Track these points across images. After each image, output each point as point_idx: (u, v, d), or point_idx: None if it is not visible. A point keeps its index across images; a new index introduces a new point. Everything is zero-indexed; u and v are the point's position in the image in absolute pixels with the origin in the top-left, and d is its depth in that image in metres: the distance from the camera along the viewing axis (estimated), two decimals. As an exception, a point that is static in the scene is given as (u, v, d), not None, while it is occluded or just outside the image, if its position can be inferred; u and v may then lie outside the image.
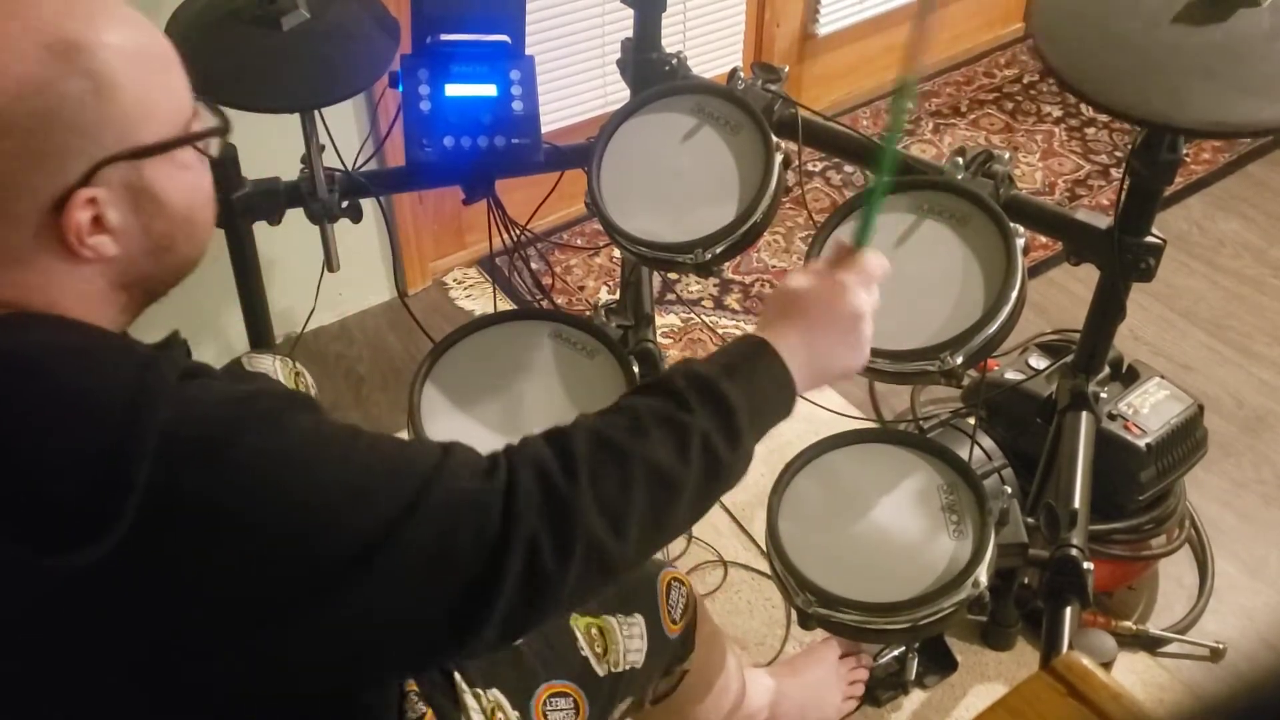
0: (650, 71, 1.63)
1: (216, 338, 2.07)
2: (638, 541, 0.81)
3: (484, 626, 0.75)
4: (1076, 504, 1.41)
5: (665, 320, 2.24)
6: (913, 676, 1.61)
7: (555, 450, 0.80)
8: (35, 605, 0.70)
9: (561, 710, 1.11)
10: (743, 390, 0.88)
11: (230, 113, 0.87)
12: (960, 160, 1.35)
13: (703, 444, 0.84)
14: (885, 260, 1.00)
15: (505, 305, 2.24)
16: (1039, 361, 1.69)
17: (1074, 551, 1.35)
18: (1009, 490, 1.37)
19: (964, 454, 1.39)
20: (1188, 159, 1.61)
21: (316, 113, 1.53)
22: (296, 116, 1.51)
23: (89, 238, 0.76)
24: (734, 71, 1.53)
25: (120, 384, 0.70)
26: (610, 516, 0.79)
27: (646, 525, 0.82)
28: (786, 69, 1.54)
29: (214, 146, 0.83)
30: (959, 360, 1.19)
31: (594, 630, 1.16)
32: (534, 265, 2.34)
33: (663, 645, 1.22)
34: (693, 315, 2.25)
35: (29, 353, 0.72)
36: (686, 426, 0.84)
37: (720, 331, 2.22)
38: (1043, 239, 2.31)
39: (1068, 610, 1.34)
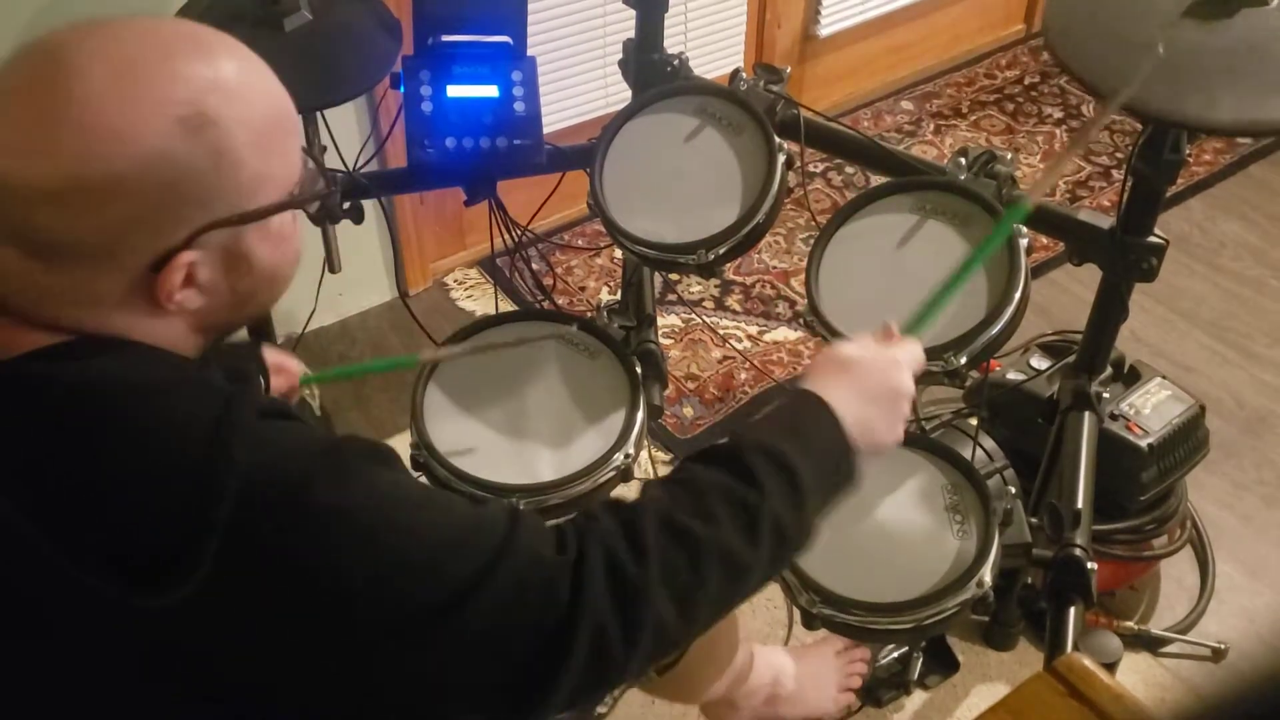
0: (652, 72, 1.63)
1: (218, 338, 2.07)
2: (705, 621, 0.83)
3: (551, 696, 0.75)
4: (1079, 504, 1.41)
5: (666, 321, 2.24)
6: (915, 676, 1.61)
7: (624, 532, 0.80)
8: (118, 642, 0.69)
9: None
10: (810, 461, 0.87)
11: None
12: (963, 161, 1.35)
13: (774, 526, 0.84)
14: None
15: (506, 306, 2.24)
16: (1041, 362, 1.70)
17: (1078, 551, 1.35)
18: (1012, 490, 1.37)
19: (966, 454, 1.38)
20: (1189, 159, 1.61)
21: (318, 114, 1.53)
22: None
23: (177, 293, 0.75)
24: (736, 72, 1.53)
25: (199, 424, 0.70)
26: (679, 602, 0.79)
27: (714, 606, 0.83)
28: (788, 70, 1.54)
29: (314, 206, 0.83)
30: (962, 360, 1.19)
31: None
32: (535, 266, 2.34)
33: None
34: (694, 316, 2.25)
35: (106, 388, 0.71)
36: (757, 509, 0.83)
37: (721, 332, 2.22)
38: (1044, 240, 2.31)
39: (1071, 610, 1.34)
